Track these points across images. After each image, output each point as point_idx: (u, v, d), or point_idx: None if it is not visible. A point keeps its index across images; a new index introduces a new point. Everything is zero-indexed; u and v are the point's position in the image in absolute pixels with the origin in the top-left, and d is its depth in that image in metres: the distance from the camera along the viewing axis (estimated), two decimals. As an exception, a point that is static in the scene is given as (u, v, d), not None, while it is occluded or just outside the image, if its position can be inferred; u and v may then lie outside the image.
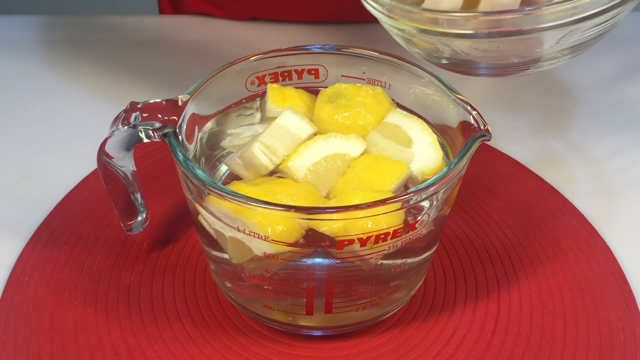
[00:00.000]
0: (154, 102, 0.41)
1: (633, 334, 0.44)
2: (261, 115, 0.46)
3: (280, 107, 0.44)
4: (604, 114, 0.63)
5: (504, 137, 0.59)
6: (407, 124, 0.43)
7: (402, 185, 0.41)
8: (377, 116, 0.43)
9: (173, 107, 0.41)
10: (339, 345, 0.43)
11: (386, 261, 0.39)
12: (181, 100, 0.41)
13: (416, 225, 0.38)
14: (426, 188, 0.36)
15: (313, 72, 0.46)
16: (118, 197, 0.45)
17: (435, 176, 0.37)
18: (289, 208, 0.36)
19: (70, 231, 0.50)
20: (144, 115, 0.40)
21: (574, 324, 0.45)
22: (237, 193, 0.36)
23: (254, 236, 0.37)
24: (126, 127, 0.40)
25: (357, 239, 0.36)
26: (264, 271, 0.39)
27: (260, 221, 0.36)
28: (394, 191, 0.40)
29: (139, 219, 0.47)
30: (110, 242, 0.50)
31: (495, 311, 0.45)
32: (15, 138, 0.60)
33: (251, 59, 0.44)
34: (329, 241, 0.37)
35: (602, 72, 0.68)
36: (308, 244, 0.37)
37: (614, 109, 0.64)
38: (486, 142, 0.39)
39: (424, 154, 0.42)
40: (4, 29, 0.74)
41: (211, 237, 0.41)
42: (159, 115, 0.40)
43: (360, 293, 0.41)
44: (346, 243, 0.36)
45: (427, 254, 0.43)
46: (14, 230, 0.51)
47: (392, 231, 0.36)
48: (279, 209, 0.36)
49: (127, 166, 0.44)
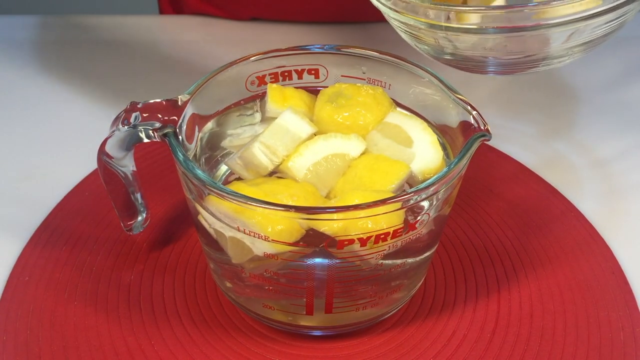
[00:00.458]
0: (154, 102, 0.41)
1: (633, 334, 0.44)
2: (261, 116, 0.46)
3: (280, 107, 0.44)
4: (605, 114, 0.63)
5: (504, 137, 0.59)
6: (407, 123, 0.43)
7: (402, 185, 0.41)
8: (377, 116, 0.43)
9: (173, 107, 0.41)
10: (339, 345, 0.43)
11: (386, 261, 0.39)
12: (181, 100, 0.41)
13: (416, 225, 0.38)
14: (426, 188, 0.36)
15: (313, 72, 0.46)
16: (118, 197, 0.45)
17: (436, 176, 0.37)
18: (289, 208, 0.36)
19: (70, 231, 0.50)
20: (144, 115, 0.40)
21: (574, 323, 0.45)
22: (237, 193, 0.36)
23: (254, 236, 0.37)
24: (126, 127, 0.40)
25: (357, 238, 0.36)
26: (264, 271, 0.39)
27: (260, 221, 0.36)
28: (394, 191, 0.40)
29: (139, 219, 0.47)
30: (110, 242, 0.50)
31: (496, 311, 0.45)
32: (15, 138, 0.60)
33: (251, 59, 0.44)
34: (329, 241, 0.37)
35: (604, 72, 0.68)
36: (308, 244, 0.37)
37: (614, 110, 0.64)
38: (486, 142, 0.39)
39: (424, 153, 0.42)
40: (4, 28, 0.74)
41: (211, 237, 0.41)
42: (159, 115, 0.40)
43: (361, 293, 0.41)
44: (346, 243, 0.36)
45: (427, 253, 0.43)
46: (14, 230, 0.51)
47: (392, 231, 0.36)
48: (279, 209, 0.36)
49: (127, 166, 0.44)
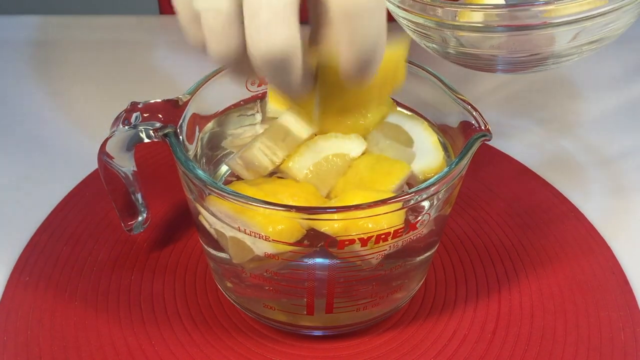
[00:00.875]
0: (155, 102, 0.41)
1: (634, 334, 0.44)
2: (262, 116, 0.46)
3: (281, 107, 0.44)
4: (606, 114, 0.63)
5: (505, 137, 0.59)
6: (408, 123, 0.43)
7: (403, 185, 0.41)
8: (378, 116, 0.43)
9: (173, 107, 0.41)
10: (339, 345, 0.43)
11: (387, 261, 0.39)
12: (181, 100, 0.41)
13: (417, 225, 0.38)
14: (427, 188, 0.36)
15: (313, 72, 0.46)
16: (118, 197, 0.45)
17: (436, 176, 0.36)
18: (290, 208, 0.36)
19: (70, 231, 0.50)
20: (145, 115, 0.40)
21: (574, 323, 0.45)
22: (237, 193, 0.36)
23: (255, 236, 0.37)
24: (127, 127, 0.40)
25: (357, 238, 0.36)
26: (264, 271, 0.39)
27: (261, 221, 0.36)
28: (394, 191, 0.40)
29: (140, 219, 0.47)
30: (111, 242, 0.50)
31: (496, 311, 0.45)
32: (15, 138, 0.60)
33: (251, 58, 0.44)
34: (330, 241, 0.37)
35: (605, 72, 0.68)
36: (309, 244, 0.37)
37: (615, 109, 0.64)
38: (487, 142, 0.39)
39: (425, 153, 0.42)
40: (4, 28, 0.74)
41: (212, 237, 0.41)
42: (160, 115, 0.40)
43: (361, 293, 0.41)
44: (347, 243, 0.36)
45: (428, 253, 0.43)
46: (14, 230, 0.51)
47: (392, 231, 0.36)
48: (279, 209, 0.35)
49: (128, 166, 0.44)
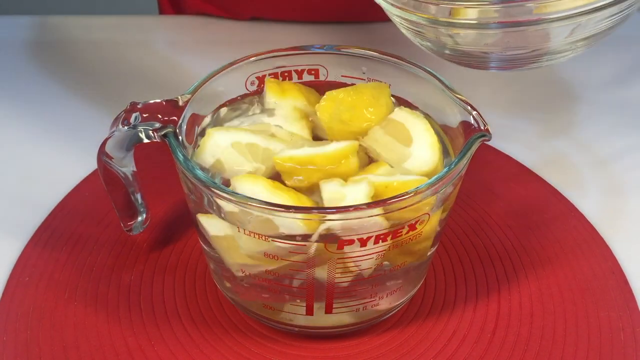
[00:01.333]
0: (154, 102, 0.41)
1: (633, 334, 0.44)
2: (260, 108, 0.46)
3: (279, 98, 0.44)
4: (605, 113, 0.63)
5: (504, 137, 0.59)
6: (411, 122, 0.43)
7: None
8: (378, 116, 0.43)
9: (173, 107, 0.41)
10: (339, 346, 0.43)
11: (386, 261, 0.39)
12: (181, 100, 0.41)
13: (416, 226, 0.38)
14: (427, 188, 0.36)
15: (313, 72, 0.46)
16: (118, 197, 0.45)
17: (436, 176, 0.36)
18: (289, 208, 0.36)
19: (70, 231, 0.50)
20: (144, 115, 0.40)
21: (574, 323, 0.45)
22: (237, 193, 0.36)
23: (254, 236, 0.37)
24: (126, 127, 0.40)
25: (357, 239, 0.36)
26: (264, 271, 0.39)
27: (260, 221, 0.36)
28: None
29: (139, 219, 0.47)
30: (110, 242, 0.50)
31: (496, 311, 0.45)
32: (15, 138, 0.60)
33: (251, 59, 0.44)
34: (329, 241, 0.37)
35: (605, 71, 0.68)
36: (308, 244, 0.37)
37: (615, 109, 0.64)
38: (486, 142, 0.39)
39: (420, 154, 0.41)
40: (4, 28, 0.74)
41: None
42: (159, 116, 0.40)
43: (361, 293, 0.41)
44: (346, 243, 0.36)
45: (428, 254, 0.43)
46: (14, 230, 0.51)
47: (392, 231, 0.36)
48: (279, 209, 0.35)
49: (127, 166, 0.44)
